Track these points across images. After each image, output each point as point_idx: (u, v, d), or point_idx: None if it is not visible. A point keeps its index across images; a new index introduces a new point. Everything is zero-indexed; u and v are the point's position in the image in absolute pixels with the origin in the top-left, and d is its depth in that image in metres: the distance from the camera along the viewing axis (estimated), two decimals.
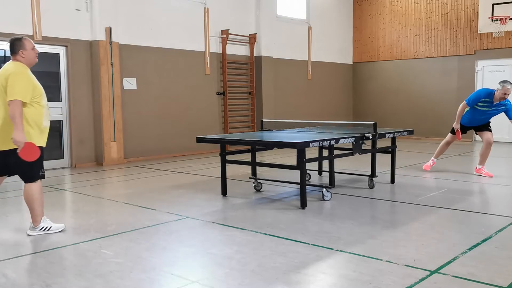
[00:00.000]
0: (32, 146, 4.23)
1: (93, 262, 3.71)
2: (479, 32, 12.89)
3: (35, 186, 4.41)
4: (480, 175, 7.45)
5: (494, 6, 12.41)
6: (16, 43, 4.35)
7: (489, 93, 7.17)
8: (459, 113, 7.45)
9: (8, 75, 4.22)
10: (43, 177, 4.47)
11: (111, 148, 9.55)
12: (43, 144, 4.44)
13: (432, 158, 8.04)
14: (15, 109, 4.11)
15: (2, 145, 4.30)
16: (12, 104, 4.12)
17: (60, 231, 4.59)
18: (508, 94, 7.03)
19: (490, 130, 7.48)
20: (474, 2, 13.00)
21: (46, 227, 4.53)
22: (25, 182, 4.41)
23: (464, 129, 7.64)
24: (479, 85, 13.12)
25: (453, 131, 7.64)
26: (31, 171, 4.37)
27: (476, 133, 7.68)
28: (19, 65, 4.32)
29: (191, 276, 3.45)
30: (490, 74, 12.99)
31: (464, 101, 7.37)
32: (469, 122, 7.54)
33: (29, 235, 4.48)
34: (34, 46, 4.46)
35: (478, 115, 7.38)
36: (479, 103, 7.25)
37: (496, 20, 12.33)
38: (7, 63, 4.41)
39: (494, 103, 7.16)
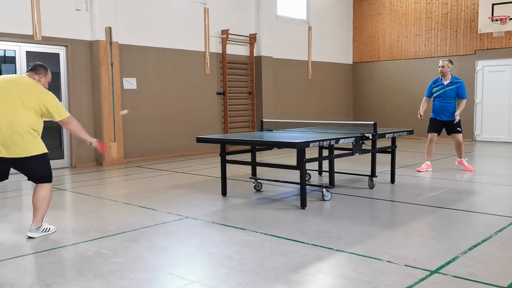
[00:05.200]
0: (99, 142, 4.89)
1: (93, 262, 3.71)
2: (479, 32, 12.89)
3: (50, 186, 4.53)
4: (462, 166, 7.85)
5: (494, 6, 12.41)
6: (41, 69, 4.60)
7: (436, 79, 8.00)
8: (421, 105, 8.11)
9: (42, 92, 4.45)
10: (52, 180, 4.63)
11: (111, 148, 9.55)
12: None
13: (426, 162, 8.05)
14: (72, 125, 4.61)
15: (22, 152, 4.31)
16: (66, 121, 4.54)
17: (55, 232, 4.60)
18: (443, 66, 7.79)
19: (459, 132, 7.84)
20: (474, 2, 13.00)
21: (47, 228, 4.55)
22: (42, 182, 4.47)
23: (437, 126, 7.92)
24: (479, 85, 13.13)
25: (429, 130, 8.00)
26: (49, 172, 4.51)
27: (448, 134, 7.95)
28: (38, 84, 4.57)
29: (191, 276, 3.45)
30: (490, 74, 12.99)
31: (424, 97, 8.15)
32: (439, 110, 7.87)
33: (31, 237, 4.40)
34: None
35: (442, 100, 7.82)
36: (434, 89, 7.93)
37: (496, 20, 12.33)
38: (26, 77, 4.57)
39: (446, 83, 7.80)
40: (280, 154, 10.28)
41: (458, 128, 7.77)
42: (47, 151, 4.50)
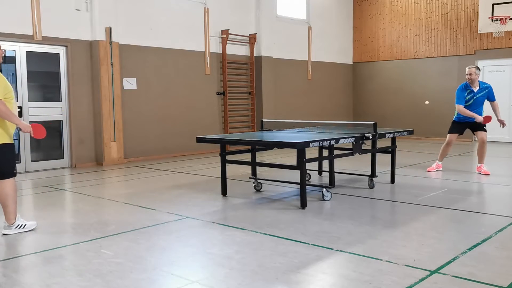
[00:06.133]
0: (36, 125, 4.55)
1: (93, 262, 3.71)
2: (479, 32, 12.89)
3: (11, 182, 4.43)
4: (480, 173, 7.63)
5: (494, 6, 12.41)
6: None
7: (465, 84, 7.59)
8: (467, 113, 7.52)
9: None
10: (15, 175, 4.51)
11: (111, 148, 9.55)
12: (12, 141, 4.45)
13: (437, 161, 8.04)
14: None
15: None
16: None
17: (33, 229, 4.58)
18: (471, 74, 7.47)
19: (485, 130, 7.68)
20: (474, 2, 13.00)
21: (21, 225, 4.54)
22: (4, 178, 4.39)
23: (461, 127, 7.78)
24: None
25: (450, 131, 7.79)
26: (7, 167, 4.39)
27: (473, 133, 7.85)
28: None
29: (191, 276, 3.45)
30: (490, 74, 12.98)
31: (457, 105, 7.57)
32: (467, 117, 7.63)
33: (5, 234, 4.45)
34: (0, 46, 4.48)
35: (474, 107, 7.57)
36: (466, 97, 7.54)
37: (496, 20, 12.33)
38: None
39: (476, 90, 7.53)
40: (280, 154, 10.28)
41: (484, 127, 7.62)
42: (9, 142, 4.35)
